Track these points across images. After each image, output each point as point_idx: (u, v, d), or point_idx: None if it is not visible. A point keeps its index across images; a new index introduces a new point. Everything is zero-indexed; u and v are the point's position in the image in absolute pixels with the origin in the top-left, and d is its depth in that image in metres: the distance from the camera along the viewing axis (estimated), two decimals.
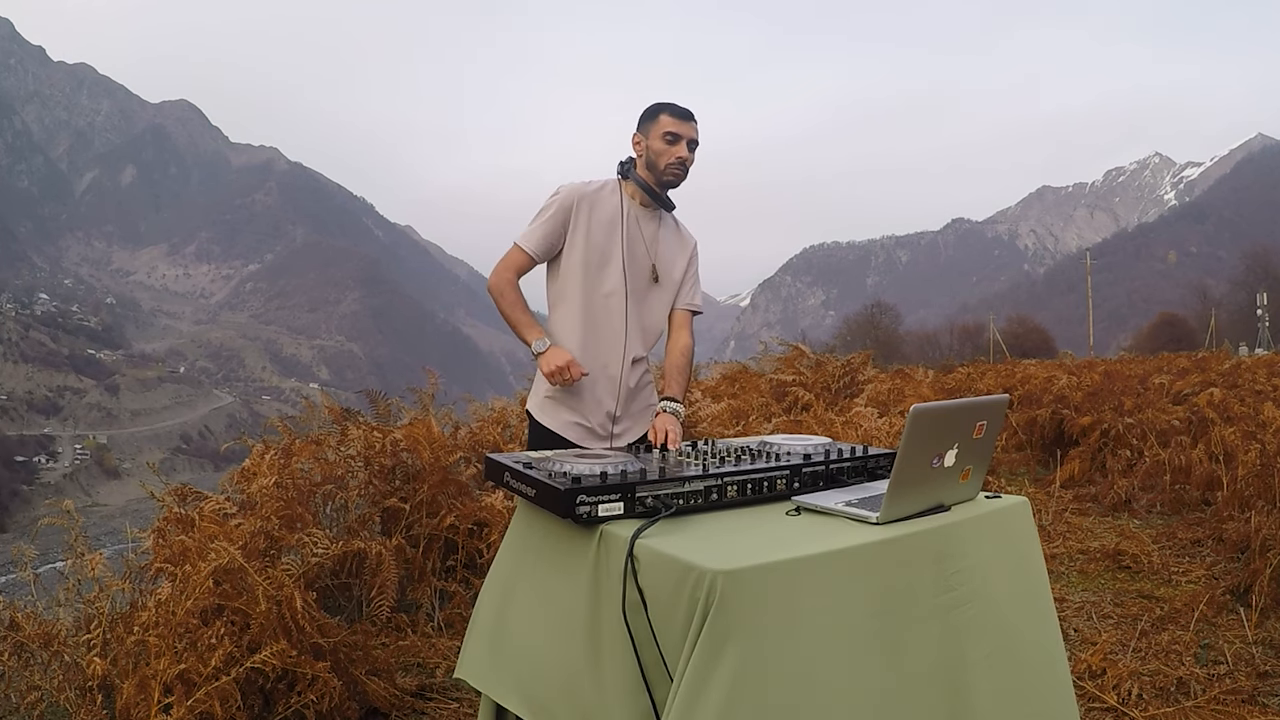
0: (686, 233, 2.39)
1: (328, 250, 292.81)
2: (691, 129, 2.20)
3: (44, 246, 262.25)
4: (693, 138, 2.20)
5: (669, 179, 2.22)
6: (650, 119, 2.21)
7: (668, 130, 2.17)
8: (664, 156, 2.18)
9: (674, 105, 2.22)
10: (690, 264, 2.37)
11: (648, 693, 1.30)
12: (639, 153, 2.24)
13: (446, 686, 2.60)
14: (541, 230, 2.20)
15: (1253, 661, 2.72)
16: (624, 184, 2.27)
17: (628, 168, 2.25)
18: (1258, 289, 53.84)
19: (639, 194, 2.25)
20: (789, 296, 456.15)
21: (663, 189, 2.24)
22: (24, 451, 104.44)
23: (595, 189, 2.24)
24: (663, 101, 2.24)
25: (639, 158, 2.24)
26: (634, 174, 2.24)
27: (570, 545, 1.53)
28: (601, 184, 2.27)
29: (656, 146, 2.18)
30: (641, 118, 2.24)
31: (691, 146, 2.21)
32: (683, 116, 2.20)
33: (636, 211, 2.26)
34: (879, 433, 5.44)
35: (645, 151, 2.21)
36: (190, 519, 2.47)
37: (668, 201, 2.28)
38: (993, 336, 48.37)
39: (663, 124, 2.18)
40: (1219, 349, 20.13)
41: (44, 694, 2.06)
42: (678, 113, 2.20)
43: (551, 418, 2.24)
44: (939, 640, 1.42)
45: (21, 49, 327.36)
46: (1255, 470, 4.23)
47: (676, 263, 2.34)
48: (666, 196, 2.27)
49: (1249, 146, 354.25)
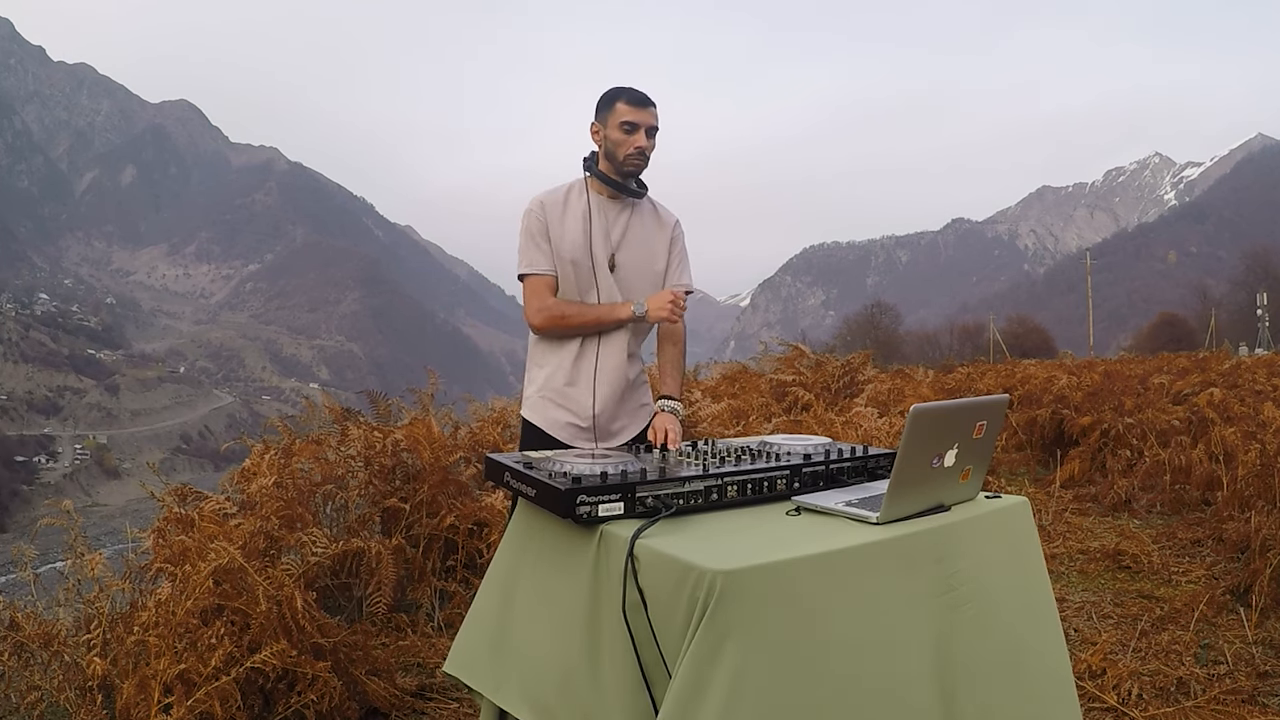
0: (665, 213, 2.31)
1: (328, 250, 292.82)
2: (649, 115, 2.12)
3: (44, 246, 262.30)
4: (651, 124, 2.13)
5: (629, 169, 2.15)
6: (606, 107, 2.14)
7: (624, 119, 2.10)
8: (622, 146, 2.11)
9: (630, 91, 2.14)
10: (673, 244, 2.29)
11: (648, 692, 1.30)
12: (598, 143, 2.17)
13: (446, 686, 2.60)
14: (540, 251, 2.16)
15: (1253, 661, 2.72)
16: (589, 180, 2.20)
17: (591, 162, 2.19)
18: (1258, 289, 53.85)
19: (604, 188, 2.19)
20: (789, 296, 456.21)
21: (625, 178, 2.17)
22: (24, 451, 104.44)
23: (561, 193, 2.20)
24: (619, 87, 2.15)
25: (599, 148, 2.17)
26: (595, 169, 2.17)
27: (570, 545, 1.53)
28: (568, 187, 2.22)
29: (614, 136, 2.11)
30: (598, 105, 2.17)
31: (650, 134, 2.13)
32: (639, 103, 2.12)
33: (603, 205, 2.20)
34: (879, 433, 5.44)
35: (604, 141, 2.15)
36: (190, 519, 2.47)
37: (635, 190, 2.20)
38: (993, 336, 48.38)
39: (619, 113, 2.11)
40: (1219, 349, 20.15)
41: (44, 694, 2.06)
42: (634, 99, 2.12)
43: (543, 417, 2.22)
44: (939, 640, 1.42)
45: (21, 49, 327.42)
46: (1255, 470, 4.23)
47: (656, 248, 2.26)
48: (636, 183, 2.20)
49: (1249, 146, 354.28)
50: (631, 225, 2.22)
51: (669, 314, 2.10)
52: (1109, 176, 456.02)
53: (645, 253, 2.24)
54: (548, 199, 2.18)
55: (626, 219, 2.22)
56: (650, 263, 2.25)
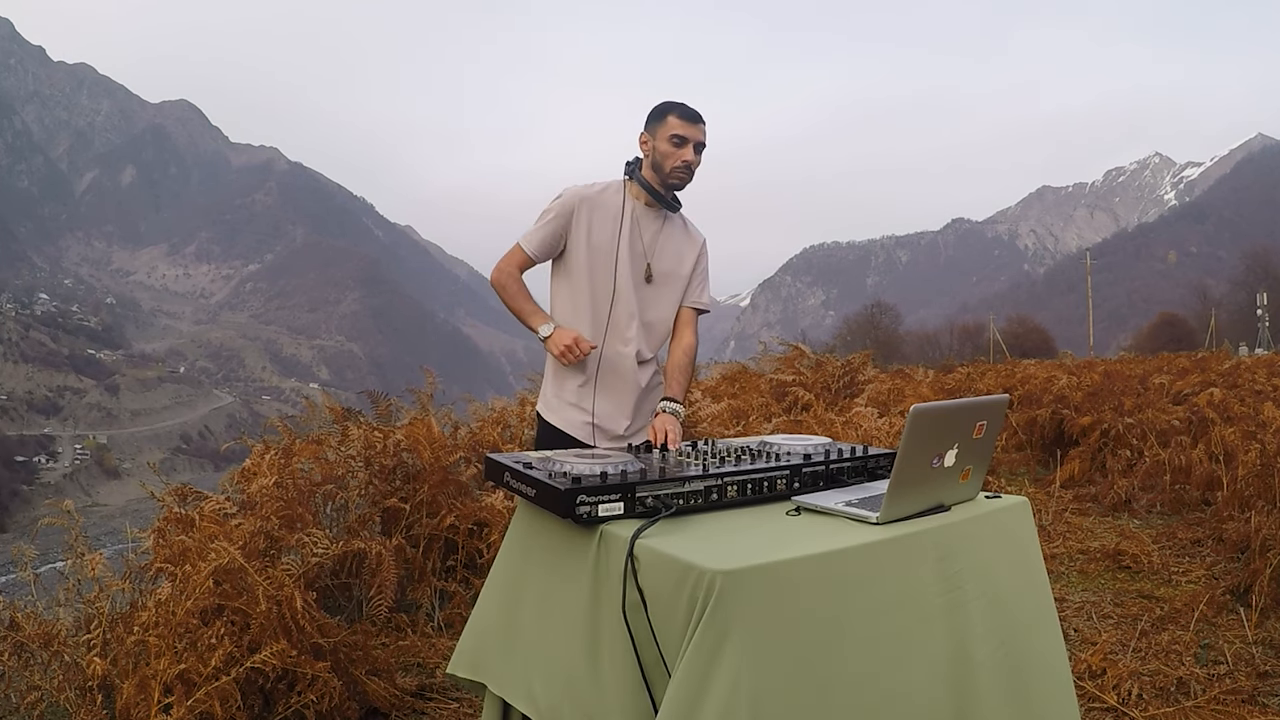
0: (695, 231, 2.37)
1: (328, 250, 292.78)
2: (699, 131, 2.18)
3: (44, 246, 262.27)
4: (700, 140, 2.18)
5: (674, 182, 2.21)
6: (658, 119, 2.19)
7: (675, 133, 2.15)
8: (670, 159, 2.17)
9: (683, 106, 2.19)
10: (699, 262, 2.35)
11: (648, 693, 1.30)
12: (645, 153, 2.22)
13: (446, 686, 2.60)
14: (542, 233, 2.22)
15: (1253, 661, 2.72)
16: (629, 184, 2.26)
17: (634, 168, 2.25)
18: (1258, 289, 53.83)
19: (643, 194, 2.24)
20: (789, 296, 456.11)
21: (667, 190, 2.23)
22: (24, 451, 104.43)
23: (598, 191, 2.24)
24: (672, 101, 2.22)
25: (645, 157, 2.23)
26: (639, 175, 2.23)
27: (570, 545, 1.53)
28: (605, 185, 2.27)
29: (663, 148, 2.17)
30: (649, 117, 2.22)
31: (698, 149, 2.20)
32: (691, 119, 2.17)
33: (640, 211, 2.25)
34: (879, 433, 5.44)
35: (651, 152, 2.20)
36: (190, 519, 2.47)
37: (673, 202, 2.27)
38: (993, 336, 48.38)
39: (670, 126, 2.16)
40: (1219, 349, 20.14)
41: (44, 694, 2.06)
42: (686, 115, 2.17)
43: (561, 417, 2.25)
44: (939, 640, 1.42)
45: (21, 49, 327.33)
46: (1255, 470, 4.23)
47: (684, 261, 2.32)
48: (673, 197, 2.26)
49: (1249, 146, 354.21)
50: (664, 236, 2.28)
51: (560, 354, 2.13)
52: (1109, 176, 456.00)
53: (673, 267, 2.30)
54: (586, 192, 2.23)
55: (659, 229, 2.27)
56: (678, 275, 2.31)
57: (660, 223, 2.28)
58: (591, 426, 2.24)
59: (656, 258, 2.27)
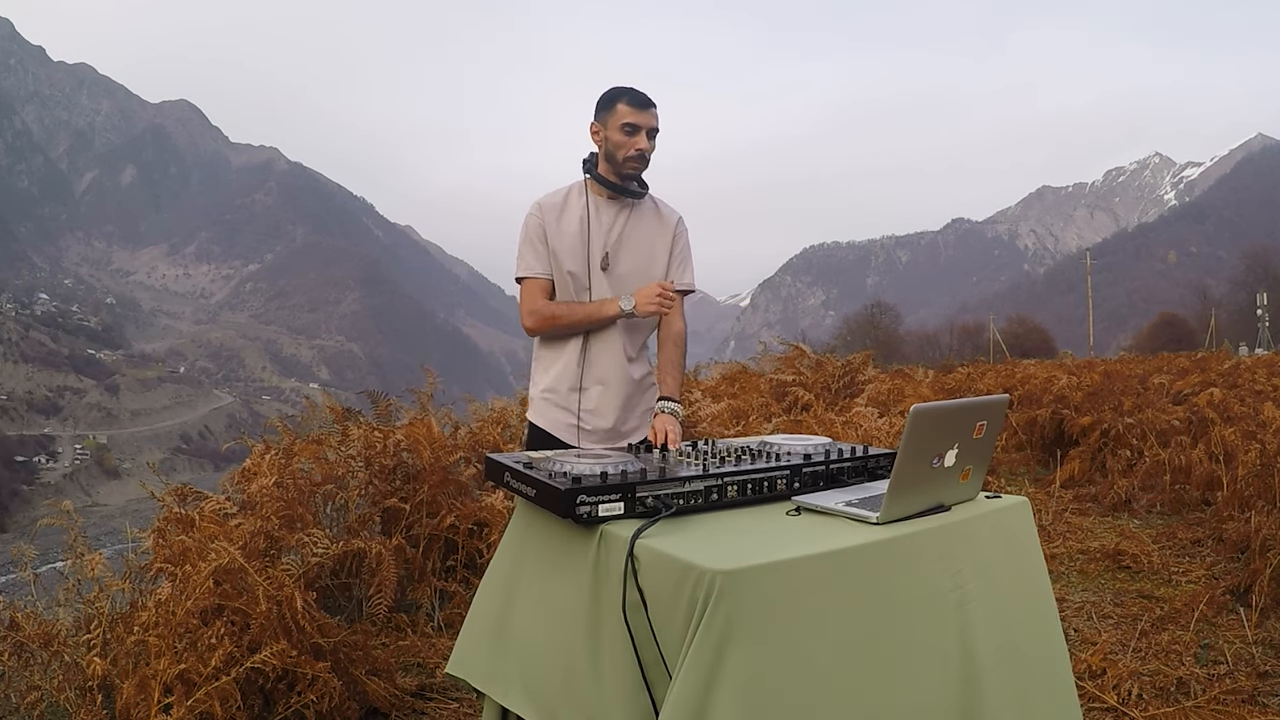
0: (668, 211, 2.29)
1: (328, 250, 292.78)
2: (651, 117, 2.10)
3: (44, 246, 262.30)
4: (652, 126, 2.11)
5: (629, 171, 2.13)
6: (607, 108, 2.11)
7: (625, 121, 2.08)
8: (622, 148, 2.10)
9: (632, 92, 2.11)
10: (675, 243, 2.27)
11: (648, 693, 1.30)
12: (598, 143, 2.15)
13: (446, 686, 2.60)
14: (532, 253, 2.16)
15: (1253, 661, 2.72)
16: (589, 181, 2.19)
17: (590, 164, 2.17)
18: (1258, 289, 53.82)
19: (603, 190, 2.18)
20: (789, 296, 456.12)
21: (624, 180, 2.16)
22: (24, 451, 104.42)
23: (561, 196, 2.19)
24: (621, 87, 2.13)
25: (598, 149, 2.15)
26: (595, 171, 2.16)
27: (570, 545, 1.53)
28: (567, 189, 2.21)
29: (615, 138, 2.10)
30: (598, 105, 2.15)
31: (651, 135, 2.11)
32: (641, 104, 2.09)
33: (603, 206, 2.19)
34: (879, 433, 5.44)
35: (604, 142, 2.13)
36: (190, 519, 2.47)
37: (635, 190, 2.19)
38: (993, 336, 48.37)
39: (620, 114, 2.09)
40: (1219, 349, 20.14)
41: (44, 694, 2.07)
42: (636, 100, 2.09)
43: (548, 419, 2.21)
44: (940, 640, 1.42)
45: (21, 49, 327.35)
46: (1255, 470, 4.23)
47: (656, 247, 2.24)
48: (637, 183, 2.18)
49: (1249, 146, 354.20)
50: (630, 227, 2.20)
51: (657, 306, 2.07)
52: (1109, 176, 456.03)
53: (644, 255, 2.22)
54: (546, 202, 2.18)
55: (625, 220, 2.20)
56: (649, 264, 2.23)
57: (626, 214, 2.20)
58: (576, 428, 2.19)
59: (625, 249, 2.19)
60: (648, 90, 2.12)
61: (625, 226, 2.20)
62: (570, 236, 2.16)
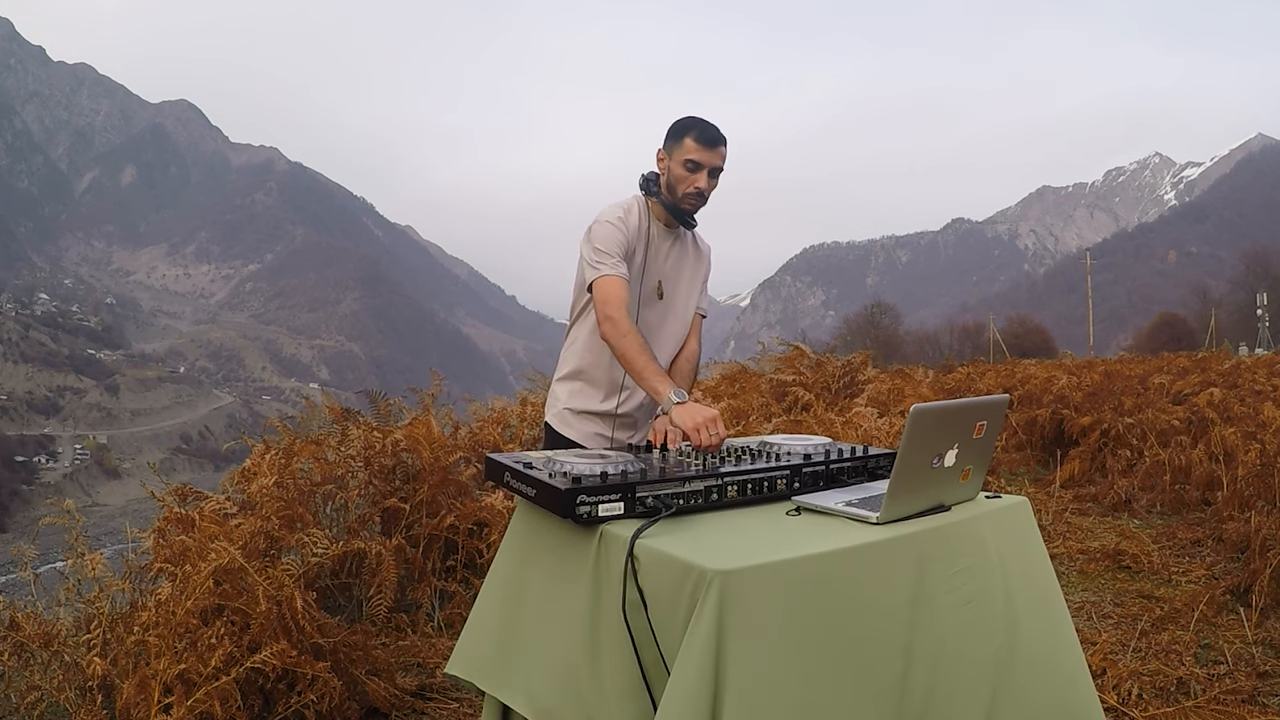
0: (704, 244, 2.32)
1: (328, 250, 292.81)
2: (717, 156, 2.06)
3: (44, 246, 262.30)
4: (716, 165, 2.07)
5: (685, 207, 2.11)
6: (675, 139, 2.08)
7: (689, 157, 2.04)
8: (683, 184, 2.07)
9: (702, 127, 2.06)
10: (707, 273, 2.32)
11: (648, 693, 1.30)
12: (661, 170, 2.12)
13: (446, 686, 2.60)
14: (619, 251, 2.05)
15: (1253, 661, 2.72)
16: (650, 202, 2.15)
17: (652, 185, 2.14)
18: (1258, 289, 53.82)
19: (662, 214, 2.16)
20: (789, 296, 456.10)
21: (681, 216, 2.14)
22: (24, 451, 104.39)
23: (623, 211, 2.13)
24: (692, 120, 2.08)
25: (661, 175, 2.12)
26: (658, 193, 2.13)
27: (570, 545, 1.53)
28: (628, 205, 2.16)
29: (677, 172, 2.06)
30: (669, 133, 2.10)
31: (713, 174, 2.08)
32: (709, 143, 2.05)
33: (658, 231, 2.18)
34: (879, 433, 5.44)
35: (666, 172, 2.10)
36: (190, 519, 2.47)
37: (689, 221, 2.17)
38: (993, 336, 48.37)
39: (686, 149, 2.05)
40: (1219, 349, 20.13)
41: (44, 694, 2.07)
42: (704, 139, 2.04)
43: (579, 431, 2.19)
44: (939, 640, 1.42)
45: (21, 49, 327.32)
46: (1255, 470, 4.23)
47: (696, 278, 2.27)
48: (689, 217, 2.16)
49: (1249, 146, 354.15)
50: (676, 253, 2.22)
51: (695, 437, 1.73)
52: (1109, 176, 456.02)
53: (688, 283, 2.26)
54: (627, 218, 2.10)
55: (676, 249, 2.22)
56: (689, 294, 2.26)
57: (676, 243, 2.22)
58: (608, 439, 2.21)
59: (669, 276, 2.21)
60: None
61: (676, 257, 2.22)
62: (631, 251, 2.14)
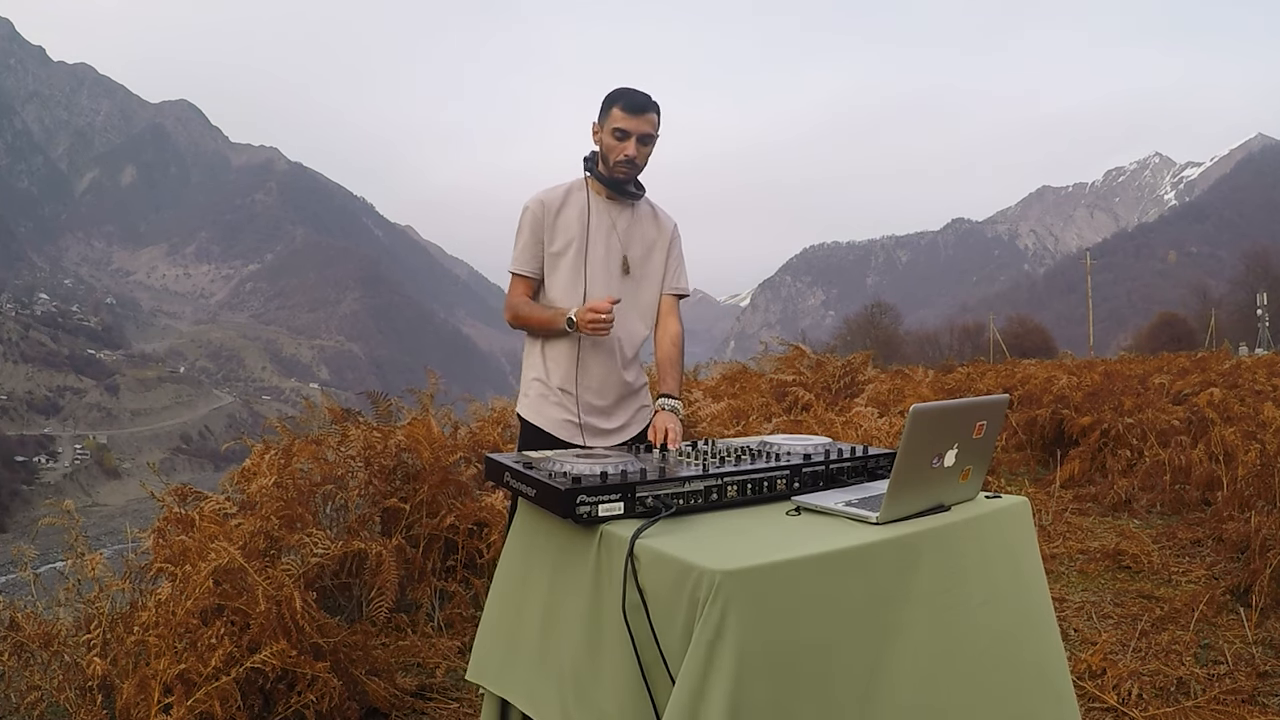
0: (664, 216, 2.31)
1: (328, 250, 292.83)
2: (644, 123, 2.07)
3: (44, 246, 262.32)
4: (646, 132, 2.08)
5: (617, 176, 2.13)
6: (605, 110, 2.09)
7: (616, 126, 2.06)
8: (613, 153, 2.09)
9: (629, 95, 2.08)
10: (671, 247, 2.29)
11: (648, 693, 1.30)
12: (596, 143, 2.15)
13: (446, 686, 2.60)
14: (526, 251, 2.17)
15: (1253, 661, 2.72)
16: (589, 179, 2.19)
17: (591, 162, 2.17)
18: (1258, 289, 53.82)
19: (602, 189, 2.18)
20: (789, 296, 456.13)
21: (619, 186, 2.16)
22: (24, 451, 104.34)
23: (561, 192, 2.19)
24: (620, 90, 2.09)
25: (597, 149, 2.15)
26: (594, 169, 2.16)
27: (571, 545, 1.53)
28: (567, 185, 2.21)
29: (608, 141, 2.09)
30: (601, 105, 2.12)
31: (644, 141, 2.09)
32: (635, 109, 2.06)
33: (602, 205, 2.19)
34: (879, 433, 5.44)
35: (600, 144, 2.13)
36: (190, 519, 2.47)
37: (632, 192, 2.19)
38: (993, 336, 48.37)
39: (614, 118, 2.07)
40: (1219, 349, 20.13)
41: (44, 694, 2.07)
42: (630, 106, 2.06)
43: (544, 416, 2.21)
44: (939, 639, 1.42)
45: (21, 49, 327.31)
46: (1255, 470, 4.23)
47: (655, 250, 2.26)
48: (634, 185, 2.18)
49: (1249, 146, 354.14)
50: (632, 225, 2.23)
51: (592, 330, 2.00)
52: (1109, 176, 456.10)
53: (645, 253, 2.26)
54: (546, 197, 2.18)
55: (628, 219, 2.23)
56: (651, 265, 2.26)
57: (628, 213, 2.22)
58: (576, 425, 2.19)
59: (632, 249, 2.21)
60: (649, 89, 2.09)
61: (630, 227, 2.22)
62: (568, 229, 2.17)
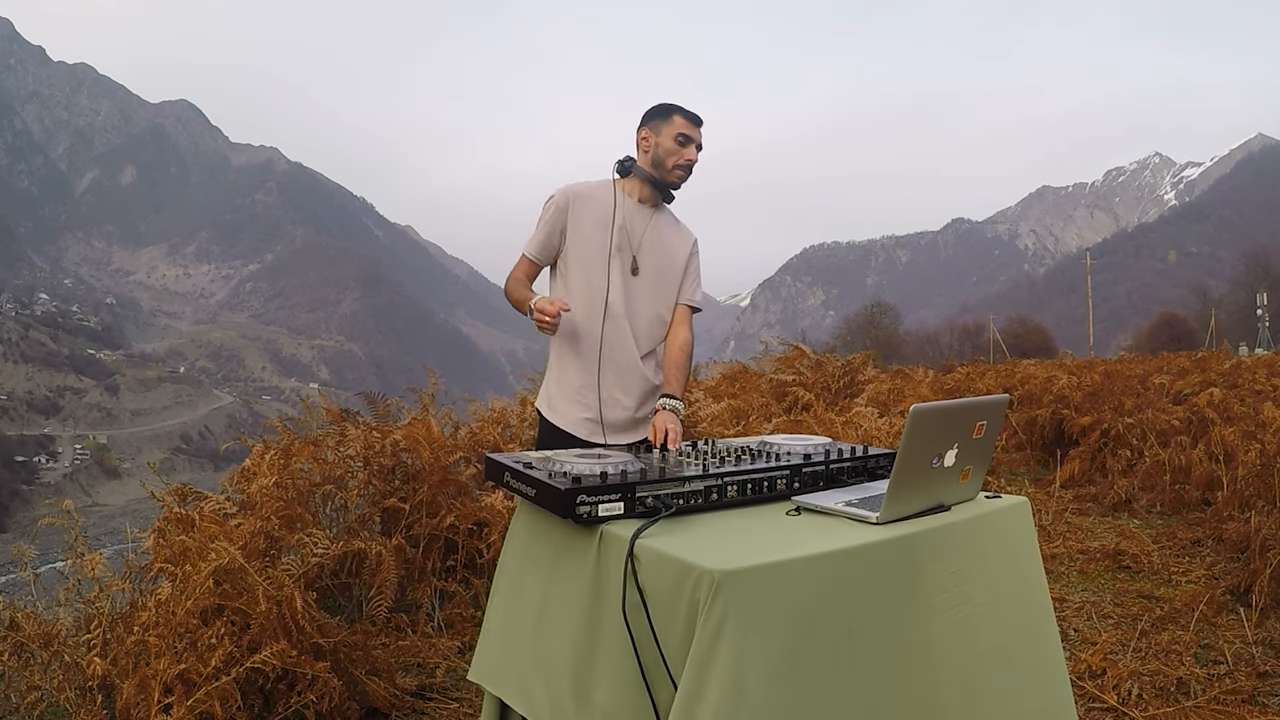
0: (685, 229, 2.41)
1: (328, 250, 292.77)
2: (700, 133, 2.26)
3: (44, 246, 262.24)
4: (700, 142, 2.26)
5: (674, 179, 2.26)
6: (663, 118, 2.24)
7: (681, 132, 2.22)
8: (673, 157, 2.23)
9: (686, 109, 2.26)
10: (690, 260, 2.38)
11: (648, 693, 1.30)
12: (645, 148, 2.26)
13: (446, 686, 2.60)
14: (541, 234, 2.26)
15: (1253, 661, 2.72)
16: (620, 181, 2.30)
17: (628, 165, 2.27)
18: (1258, 289, 53.79)
19: (639, 189, 2.29)
20: (789, 296, 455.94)
21: (666, 188, 2.28)
22: (24, 451, 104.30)
23: (591, 187, 2.28)
24: (674, 103, 2.27)
25: (644, 153, 2.27)
26: (638, 169, 2.27)
27: (571, 545, 1.53)
28: (598, 183, 2.30)
29: (667, 145, 2.23)
30: (651, 114, 2.27)
31: (698, 149, 2.26)
32: (695, 121, 2.25)
33: (630, 207, 2.28)
34: (879, 433, 5.44)
35: (653, 149, 2.24)
36: (190, 519, 2.47)
37: (669, 194, 2.32)
38: (993, 336, 48.35)
39: (676, 125, 2.22)
40: (1219, 349, 20.11)
41: (44, 694, 2.07)
42: (691, 117, 2.25)
43: (563, 415, 2.25)
44: (938, 640, 1.42)
45: (21, 49, 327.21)
46: (1255, 470, 4.23)
47: (676, 256, 2.35)
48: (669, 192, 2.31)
49: (1249, 146, 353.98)
50: (652, 230, 2.30)
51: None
52: (1109, 176, 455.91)
53: (667, 259, 2.32)
54: (578, 189, 2.27)
55: (648, 223, 2.30)
56: (671, 270, 2.33)
57: (652, 219, 2.31)
58: (597, 424, 2.23)
59: (645, 252, 2.29)
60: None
61: (649, 232, 2.30)
62: (593, 224, 2.24)
